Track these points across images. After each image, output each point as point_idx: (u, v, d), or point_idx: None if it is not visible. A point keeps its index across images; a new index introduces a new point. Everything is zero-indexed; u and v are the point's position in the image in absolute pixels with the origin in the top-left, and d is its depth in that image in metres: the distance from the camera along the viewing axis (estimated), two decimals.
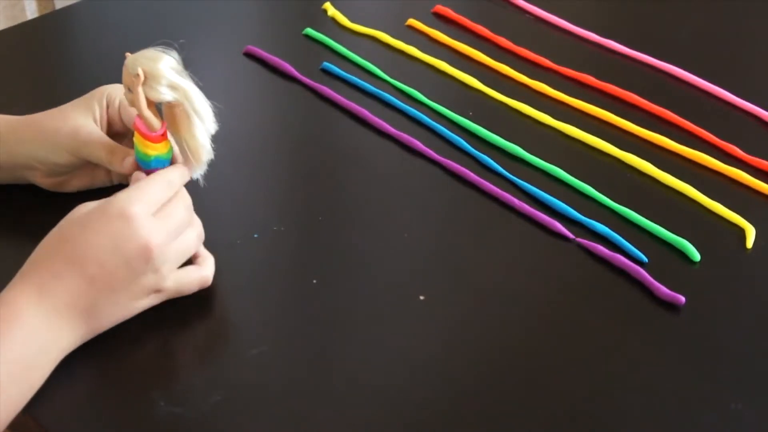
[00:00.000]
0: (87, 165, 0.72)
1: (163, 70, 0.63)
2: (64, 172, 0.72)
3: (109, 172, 0.74)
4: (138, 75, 0.62)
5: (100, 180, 0.74)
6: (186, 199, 0.66)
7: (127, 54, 0.64)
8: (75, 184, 0.74)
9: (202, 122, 0.65)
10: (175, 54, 0.64)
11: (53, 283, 0.60)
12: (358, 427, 0.60)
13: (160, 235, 0.62)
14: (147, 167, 0.66)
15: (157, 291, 0.64)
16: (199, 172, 0.67)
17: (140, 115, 0.64)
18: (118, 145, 0.70)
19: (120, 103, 0.72)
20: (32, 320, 0.58)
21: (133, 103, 0.64)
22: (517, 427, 0.61)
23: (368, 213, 0.78)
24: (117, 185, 0.74)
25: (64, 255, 0.60)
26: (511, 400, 0.62)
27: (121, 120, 0.73)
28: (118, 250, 0.61)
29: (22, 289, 0.60)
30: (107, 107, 0.72)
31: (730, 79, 0.93)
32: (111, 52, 0.64)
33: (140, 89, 0.63)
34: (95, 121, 0.71)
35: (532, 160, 0.82)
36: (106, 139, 0.70)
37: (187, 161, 0.67)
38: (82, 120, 0.71)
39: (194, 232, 0.66)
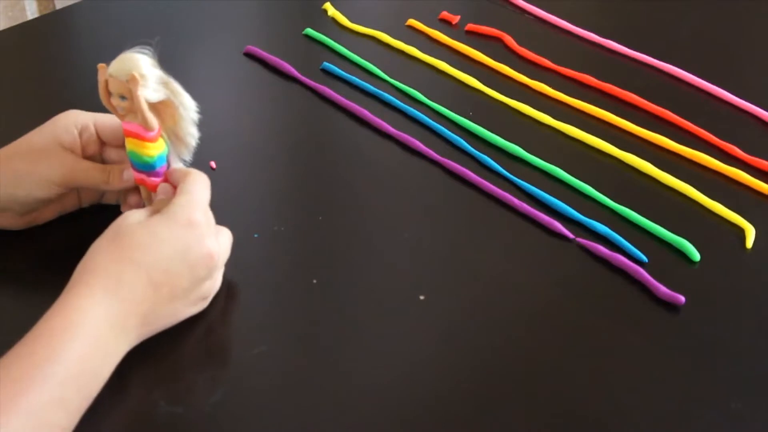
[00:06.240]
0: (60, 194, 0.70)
1: (150, 69, 0.63)
2: (40, 206, 0.70)
3: (78, 196, 0.72)
4: (134, 78, 0.61)
5: (70, 205, 0.72)
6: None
7: (102, 65, 0.63)
8: (46, 215, 0.71)
9: (188, 112, 0.65)
10: (147, 52, 0.63)
11: (121, 290, 0.59)
12: (358, 427, 0.60)
13: (215, 242, 0.63)
14: (152, 169, 0.66)
15: (205, 298, 0.65)
16: (186, 157, 0.68)
17: (141, 118, 0.63)
18: (108, 164, 0.69)
19: (95, 124, 0.70)
20: (99, 327, 0.57)
21: (129, 109, 0.63)
22: (517, 426, 0.61)
23: (368, 213, 0.78)
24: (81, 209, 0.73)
25: (132, 262, 0.60)
26: (511, 400, 0.62)
27: (98, 141, 0.70)
28: (185, 258, 0.61)
29: (88, 295, 0.58)
30: (80, 135, 0.69)
31: (730, 79, 0.93)
32: (111, 52, 0.64)
33: (140, 92, 0.62)
34: (73, 149, 0.69)
35: (532, 160, 0.82)
36: (94, 162, 0.69)
37: (176, 150, 0.67)
38: (62, 150, 0.68)
39: (228, 234, 0.66)
